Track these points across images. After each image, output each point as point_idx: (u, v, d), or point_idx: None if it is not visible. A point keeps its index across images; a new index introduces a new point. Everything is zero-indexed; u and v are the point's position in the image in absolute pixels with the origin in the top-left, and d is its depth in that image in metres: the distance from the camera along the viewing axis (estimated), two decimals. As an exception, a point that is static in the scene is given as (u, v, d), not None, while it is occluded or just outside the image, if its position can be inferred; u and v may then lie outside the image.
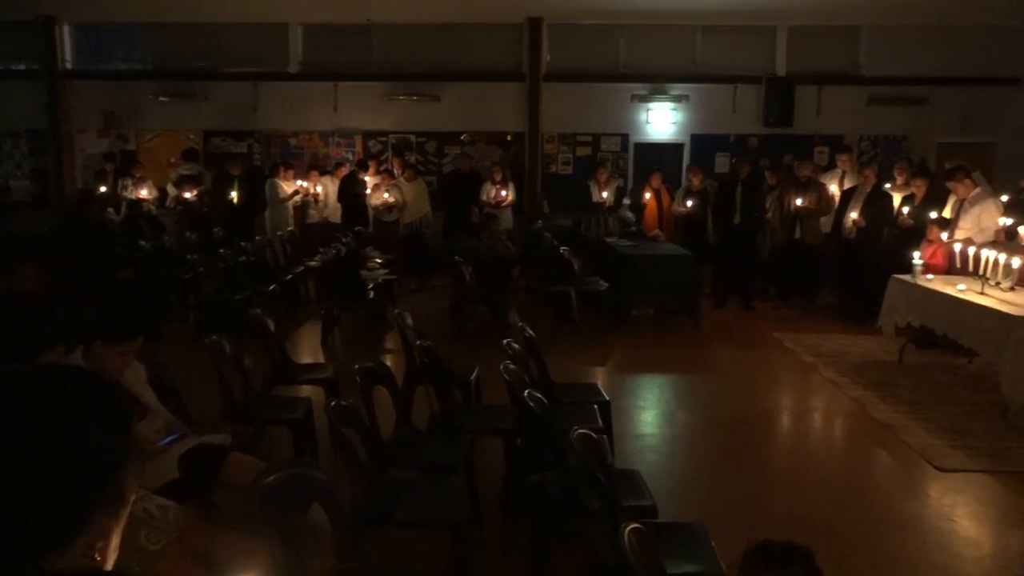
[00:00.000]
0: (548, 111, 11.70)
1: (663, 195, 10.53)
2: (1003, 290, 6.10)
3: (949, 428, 5.42)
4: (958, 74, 11.25)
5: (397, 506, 3.19)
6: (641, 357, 7.54)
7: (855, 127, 11.60)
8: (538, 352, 4.61)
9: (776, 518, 4.20)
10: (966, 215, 7.52)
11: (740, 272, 9.46)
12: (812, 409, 6.30)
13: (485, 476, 4.31)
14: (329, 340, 7.77)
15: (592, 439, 2.90)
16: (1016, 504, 4.41)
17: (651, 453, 5.14)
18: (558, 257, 8.47)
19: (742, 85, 11.57)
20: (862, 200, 8.56)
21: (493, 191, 10.80)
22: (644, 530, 2.17)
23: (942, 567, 3.75)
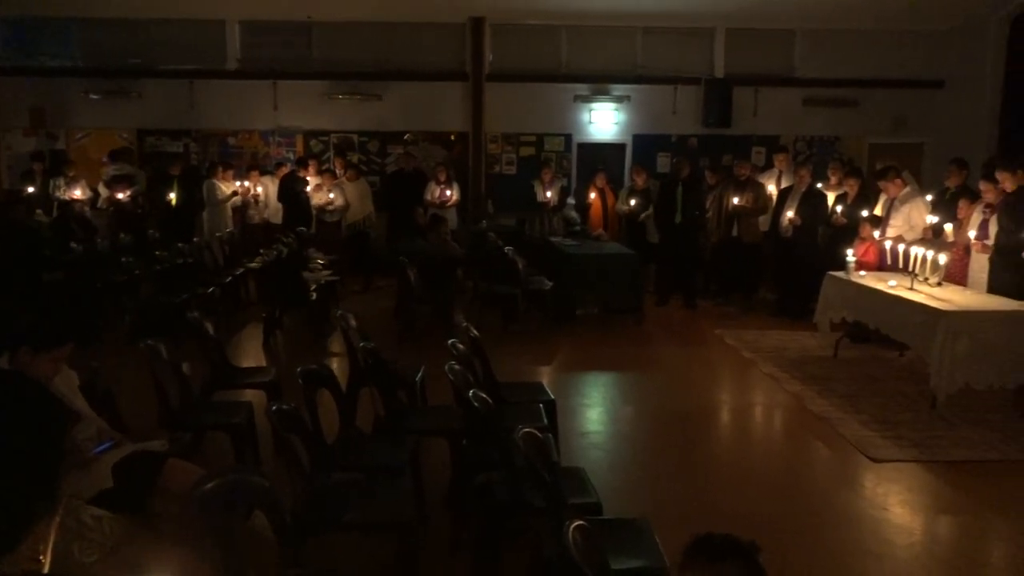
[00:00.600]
0: (492, 111, 11.71)
1: (608, 195, 10.64)
2: (931, 285, 6.33)
3: (882, 420, 5.60)
4: (888, 77, 11.64)
5: (341, 510, 3.15)
6: (586, 355, 7.60)
7: (791, 128, 11.89)
8: (483, 352, 4.61)
9: (718, 511, 4.28)
10: (897, 213, 7.78)
11: (682, 270, 9.62)
12: (752, 404, 6.45)
13: (431, 477, 4.29)
14: (271, 343, 7.64)
15: (537, 438, 2.91)
16: (944, 491, 4.59)
17: (596, 450, 5.19)
18: (503, 257, 8.49)
19: (682, 86, 11.76)
20: (798, 199, 8.79)
21: (438, 191, 10.76)
22: (588, 527, 2.19)
23: (876, 554, 3.87)
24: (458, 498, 3.82)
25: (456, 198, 10.87)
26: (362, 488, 3.48)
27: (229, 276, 8.79)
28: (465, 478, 3.77)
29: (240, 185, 10.80)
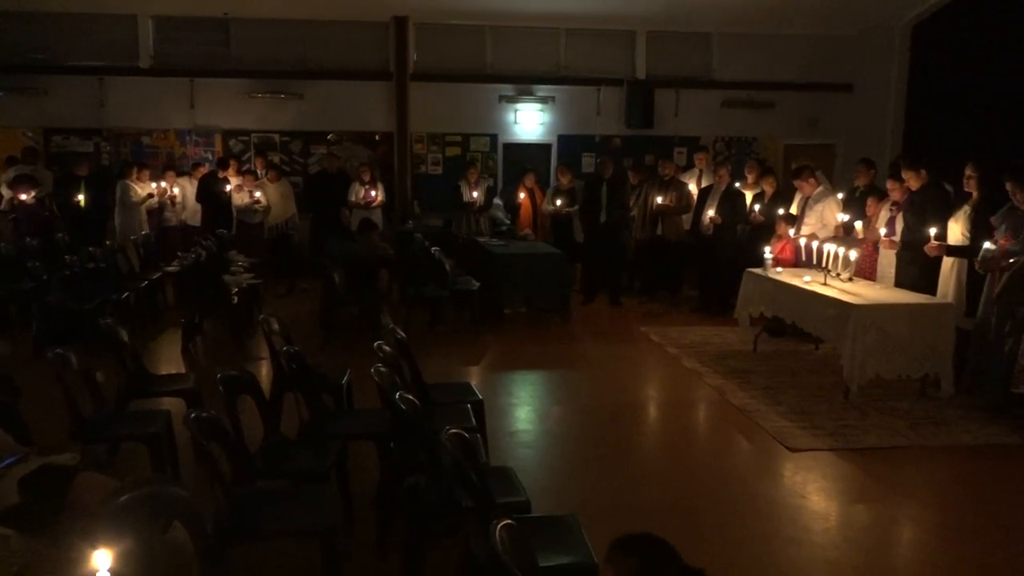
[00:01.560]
0: (417, 111, 11.64)
1: (537, 195, 10.70)
2: (843, 281, 6.59)
3: (799, 410, 5.80)
4: (801, 80, 12.06)
5: (264, 518, 3.07)
6: (514, 355, 7.63)
7: (710, 129, 12.20)
8: (410, 353, 4.57)
9: (645, 504, 4.36)
10: (811, 212, 8.07)
11: (608, 269, 9.75)
12: (677, 398, 6.58)
13: (359, 481, 4.24)
14: (190, 349, 7.40)
15: (464, 438, 2.90)
16: (858, 478, 4.78)
17: (525, 449, 5.21)
18: (430, 257, 8.45)
19: (605, 87, 11.93)
20: (718, 198, 9.03)
21: (362, 191, 10.63)
22: (516, 526, 2.19)
23: (794, 541, 4.01)
24: (385, 501, 3.78)
25: (381, 199, 10.76)
26: (286, 495, 3.41)
27: (145, 281, 8.48)
28: (392, 481, 3.73)
29: (156, 186, 10.44)
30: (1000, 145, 8.10)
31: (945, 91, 10.07)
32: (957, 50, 9.88)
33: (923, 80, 10.82)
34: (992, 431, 5.43)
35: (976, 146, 7.94)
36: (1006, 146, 8.02)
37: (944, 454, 5.14)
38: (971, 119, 9.21)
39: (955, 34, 9.99)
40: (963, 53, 9.71)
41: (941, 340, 5.89)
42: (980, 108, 9.09)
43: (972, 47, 9.52)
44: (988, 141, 8.36)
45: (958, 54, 9.82)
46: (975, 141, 8.45)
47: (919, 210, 6.62)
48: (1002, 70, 8.82)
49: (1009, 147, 7.89)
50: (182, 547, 2.82)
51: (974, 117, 9.18)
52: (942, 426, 5.52)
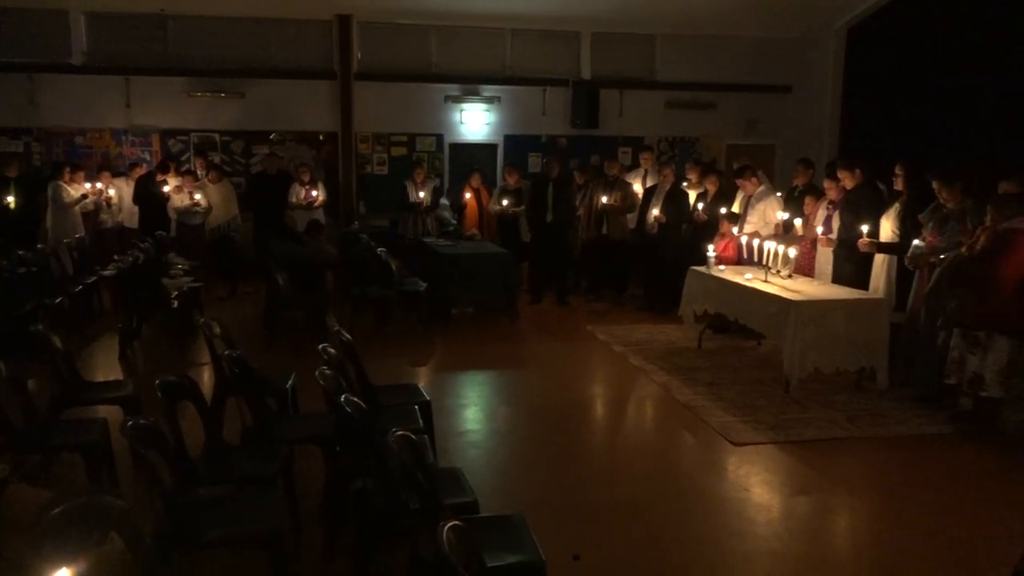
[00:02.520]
0: (361, 110, 11.53)
1: (483, 194, 10.70)
2: (783, 278, 6.75)
3: (741, 405, 5.92)
4: (742, 82, 12.31)
5: (207, 526, 3.01)
6: (462, 355, 7.61)
7: (654, 129, 12.36)
8: (356, 355, 4.53)
9: (593, 502, 4.40)
10: (753, 210, 8.24)
11: (554, 268, 9.80)
12: (624, 396, 6.65)
13: (305, 486, 4.19)
14: (128, 355, 7.20)
15: (411, 440, 2.88)
16: (799, 470, 4.90)
17: (473, 449, 5.21)
18: (376, 258, 8.38)
19: (551, 88, 11.99)
20: (662, 198, 9.15)
21: (302, 192, 10.49)
22: (463, 527, 2.19)
23: (738, 533, 4.09)
24: (333, 505, 3.73)
25: (322, 199, 10.64)
26: (230, 501, 3.35)
27: (79, 285, 8.22)
28: (339, 484, 3.69)
29: (91, 187, 10.12)
30: (928, 145, 8.40)
31: (877, 93, 10.40)
32: (888, 53, 10.21)
33: (857, 82, 11.15)
34: (925, 421, 5.63)
35: (905, 146, 8.23)
36: (934, 146, 8.32)
37: (880, 444, 5.31)
38: (901, 120, 9.52)
39: (887, 38, 10.32)
40: (894, 56, 10.03)
41: (876, 334, 6.08)
42: (910, 109, 9.41)
43: (902, 51, 9.84)
44: (917, 141, 8.66)
45: (889, 57, 10.15)
46: (905, 141, 8.75)
47: (854, 208, 6.82)
48: (930, 73, 9.14)
49: (936, 147, 8.18)
50: (120, 559, 2.75)
51: (904, 118, 9.50)
52: (878, 417, 5.69)
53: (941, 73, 8.96)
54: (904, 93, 9.63)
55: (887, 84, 10.10)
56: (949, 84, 8.84)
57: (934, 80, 9.06)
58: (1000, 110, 8.02)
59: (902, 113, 9.57)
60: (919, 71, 9.31)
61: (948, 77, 8.85)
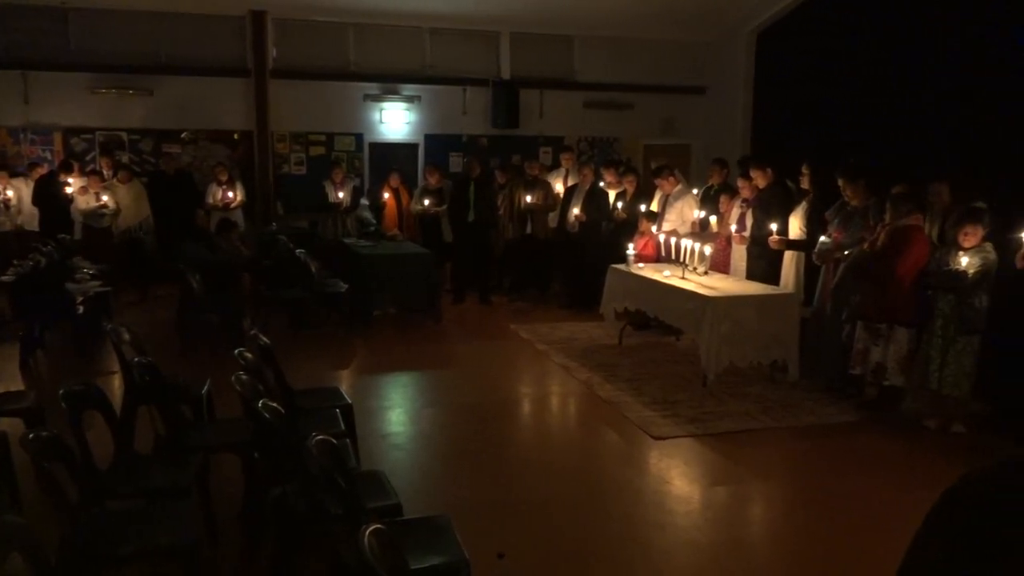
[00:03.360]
0: (278, 109, 11.27)
1: (402, 194, 10.61)
2: (700, 274, 6.93)
3: (661, 400, 6.05)
4: (658, 83, 12.57)
5: (117, 542, 2.88)
6: (384, 357, 7.54)
7: (574, 129, 12.50)
8: (274, 359, 4.42)
9: (518, 499, 4.42)
10: (670, 209, 8.43)
11: (477, 268, 9.81)
12: (547, 394, 6.71)
13: (223, 495, 4.06)
14: (30, 364, 6.85)
15: (331, 444, 2.83)
16: (716, 461, 5.04)
17: (397, 451, 5.16)
18: (294, 260, 8.21)
19: (471, 87, 11.98)
20: (582, 197, 9.27)
21: (220, 192, 10.19)
22: (385, 530, 2.17)
23: (659, 525, 4.18)
24: (251, 513, 3.64)
25: (240, 199, 10.36)
26: (142, 514, 3.22)
27: (-25, 291, 7.76)
28: (258, 492, 3.60)
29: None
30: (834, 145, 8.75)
31: (786, 94, 10.78)
32: (796, 56, 10.59)
33: (768, 84, 11.54)
34: (833, 410, 5.87)
35: (812, 146, 8.56)
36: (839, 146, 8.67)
37: (792, 434, 5.51)
38: (808, 120, 9.90)
39: (794, 42, 10.71)
40: (801, 59, 10.42)
41: (787, 328, 6.31)
42: (816, 110, 9.79)
43: (808, 54, 10.23)
44: (823, 141, 9.01)
45: (797, 60, 10.54)
46: (812, 141, 9.10)
47: (765, 207, 7.06)
48: (835, 75, 9.53)
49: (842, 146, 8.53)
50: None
51: (811, 119, 9.87)
52: (790, 408, 5.91)
53: (846, 75, 9.35)
54: (811, 94, 10.01)
55: (795, 86, 10.49)
56: (853, 85, 9.23)
57: (839, 82, 9.45)
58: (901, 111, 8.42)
59: (809, 114, 9.95)
60: (825, 73, 9.70)
61: (852, 79, 9.24)
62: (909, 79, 8.40)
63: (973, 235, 5.18)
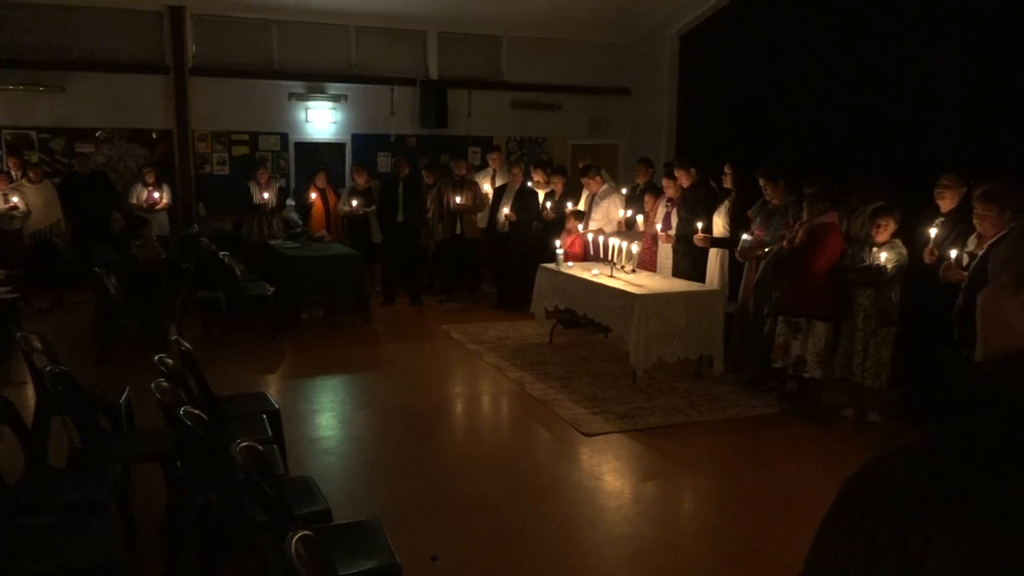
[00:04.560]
0: (198, 108, 10.95)
1: (329, 195, 10.45)
2: (627, 272, 7.04)
3: (591, 397, 6.12)
4: (585, 84, 12.71)
5: (28, 560, 2.75)
6: (313, 360, 7.41)
7: (502, 129, 12.53)
8: (196, 365, 4.30)
9: (450, 500, 4.40)
10: (597, 208, 8.54)
11: (406, 269, 9.74)
12: (479, 394, 6.71)
13: (144, 507, 3.93)
14: (-67, 375, 6.49)
15: (257, 451, 2.77)
16: (646, 456, 5.13)
17: (327, 456, 5.08)
18: (218, 262, 7.99)
19: (398, 87, 11.88)
20: (512, 197, 9.30)
21: (145, 193, 9.83)
22: (313, 536, 2.13)
23: (591, 520, 4.23)
24: (175, 525, 3.53)
25: (167, 201, 10.04)
26: (56, 530, 3.08)
27: None
28: (181, 502, 3.49)
29: None
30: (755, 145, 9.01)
31: (708, 95, 11.05)
32: (717, 58, 10.87)
33: (691, 85, 11.80)
34: (757, 403, 6.05)
35: (734, 146, 8.80)
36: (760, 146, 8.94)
37: (719, 427, 5.65)
38: (731, 121, 10.17)
39: (716, 44, 10.98)
40: (722, 61, 10.70)
41: (713, 324, 6.46)
42: (738, 111, 10.07)
43: (730, 56, 10.51)
44: (745, 141, 9.27)
45: (719, 62, 10.81)
46: (734, 141, 9.35)
47: (690, 205, 7.22)
48: (756, 77, 9.82)
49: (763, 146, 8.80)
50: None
51: (733, 119, 10.15)
52: (716, 402, 6.06)
53: (766, 77, 9.64)
54: (733, 95, 10.29)
55: (717, 87, 10.76)
56: (773, 87, 9.52)
57: (760, 83, 9.73)
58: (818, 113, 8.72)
59: (731, 114, 10.22)
60: (746, 75, 9.98)
61: (772, 80, 9.53)
62: (825, 81, 8.71)
63: (886, 228, 5.41)
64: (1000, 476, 0.86)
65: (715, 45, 10.99)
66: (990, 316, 1.02)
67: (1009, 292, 0.97)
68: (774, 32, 9.59)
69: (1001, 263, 1.00)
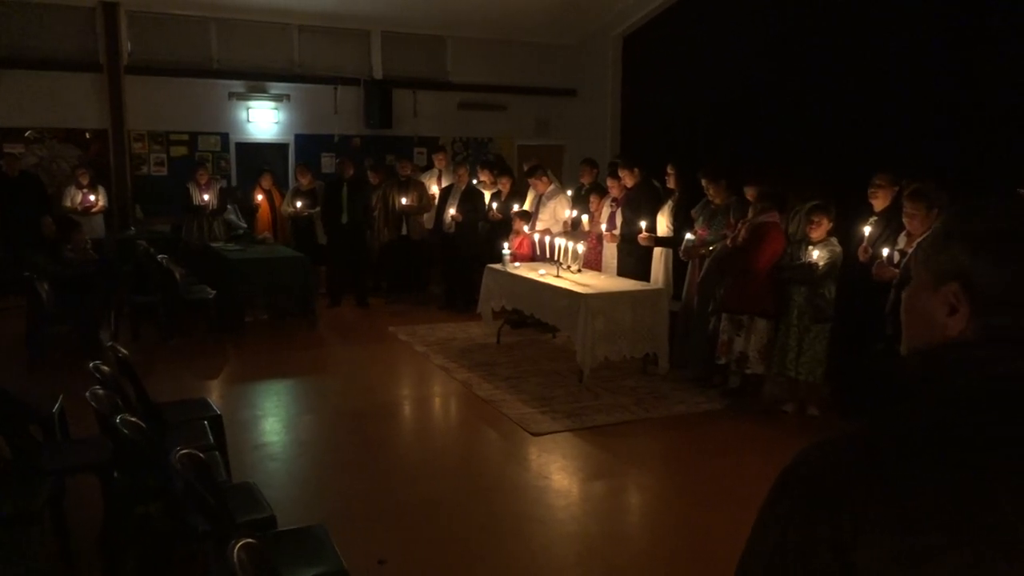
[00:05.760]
0: (134, 107, 10.64)
1: (275, 196, 10.28)
2: (573, 272, 7.09)
3: (539, 397, 6.15)
4: (530, 84, 12.75)
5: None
6: (258, 364, 7.28)
7: (448, 129, 12.49)
8: (134, 372, 4.18)
9: (399, 504, 4.37)
10: (544, 208, 8.58)
11: (353, 270, 9.64)
12: (427, 395, 6.68)
13: (82, 519, 3.80)
14: None
15: (198, 458, 2.71)
16: (593, 454, 5.17)
17: (272, 461, 5.00)
18: (157, 266, 7.79)
19: (342, 86, 11.74)
20: (458, 197, 9.28)
21: (79, 196, 9.53)
22: (256, 544, 2.09)
23: (539, 519, 4.25)
24: (113, 536, 3.43)
25: (103, 204, 9.75)
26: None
27: None
28: (119, 513, 3.40)
29: None
30: (698, 145, 9.17)
31: (653, 96, 11.20)
32: (661, 59, 11.02)
33: (635, 86, 11.94)
34: (701, 399, 6.15)
35: (677, 146, 8.94)
36: (703, 146, 9.10)
37: (665, 424, 5.73)
38: (673, 121, 10.32)
39: (659, 45, 11.13)
40: (666, 62, 10.85)
41: (658, 322, 6.55)
42: (681, 111, 10.23)
43: (673, 57, 10.66)
44: (688, 141, 9.42)
45: (662, 63, 10.96)
46: (677, 141, 9.50)
47: (634, 205, 7.31)
48: (698, 78, 9.98)
49: (706, 147, 8.96)
50: None
51: (675, 120, 10.30)
52: (662, 399, 6.15)
53: (708, 77, 9.80)
54: (676, 96, 10.44)
55: (661, 88, 10.90)
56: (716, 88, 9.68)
57: (702, 84, 9.89)
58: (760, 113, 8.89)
59: (675, 115, 10.37)
60: (689, 76, 10.13)
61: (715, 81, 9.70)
62: (764, 82, 8.90)
63: (819, 226, 5.56)
64: (923, 464, 0.89)
65: (658, 46, 11.14)
66: (913, 312, 1.05)
67: (929, 289, 1.01)
68: (715, 33, 9.76)
69: (922, 261, 1.04)
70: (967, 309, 0.97)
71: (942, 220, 1.05)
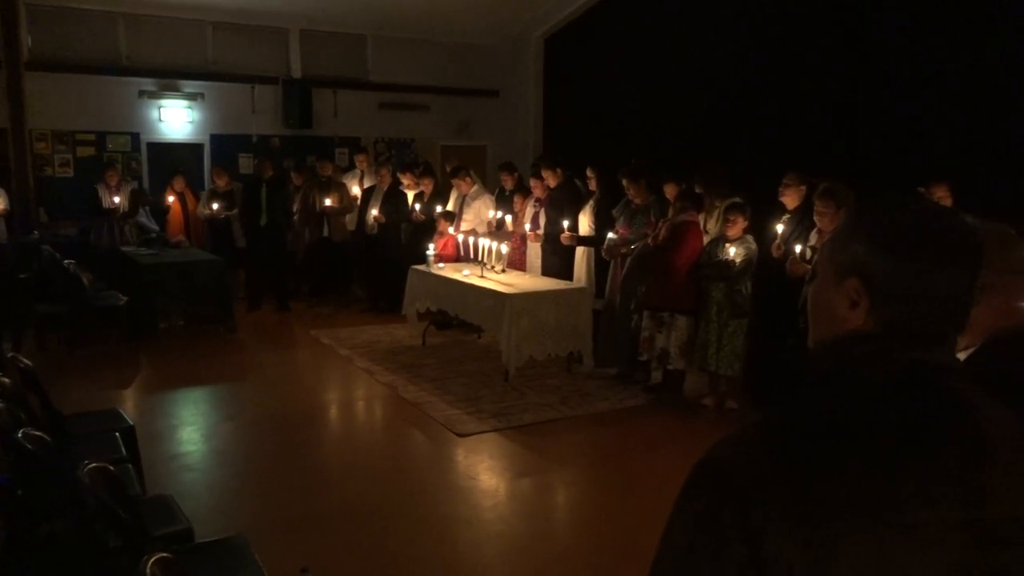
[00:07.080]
0: (37, 105, 10.13)
1: (188, 198, 9.95)
2: (498, 272, 7.10)
3: (465, 397, 6.14)
4: (453, 85, 12.70)
5: None
6: (173, 372, 7.03)
7: (370, 130, 12.33)
8: (38, 383, 3.98)
9: (324, 509, 4.30)
10: (468, 209, 8.57)
11: (273, 273, 9.42)
12: (351, 399, 6.59)
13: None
14: None
15: (107, 471, 2.60)
16: (520, 453, 5.19)
17: (189, 472, 4.84)
18: (63, 271, 7.44)
19: (260, 86, 11.45)
20: (380, 198, 9.18)
21: (-26, 199, 9.02)
22: (171, 558, 2.02)
23: (467, 520, 4.24)
24: (16, 558, 3.25)
25: (3, 206, 9.26)
26: None
27: None
28: (22, 532, 3.22)
29: None
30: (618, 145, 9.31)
31: (574, 97, 11.32)
32: (582, 61, 11.16)
33: (557, 87, 12.06)
34: (625, 396, 6.25)
35: (598, 146, 9.06)
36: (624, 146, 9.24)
37: (589, 421, 5.80)
38: (595, 122, 10.47)
39: (580, 47, 11.27)
40: (587, 64, 10.99)
41: (581, 320, 6.63)
42: (602, 112, 10.37)
43: (594, 59, 10.81)
44: (609, 142, 9.56)
45: (583, 65, 11.10)
46: (599, 142, 9.63)
47: (557, 205, 7.38)
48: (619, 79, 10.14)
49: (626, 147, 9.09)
50: None
51: (596, 120, 10.45)
52: (586, 396, 6.22)
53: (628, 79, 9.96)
54: (597, 97, 10.59)
55: (582, 89, 11.03)
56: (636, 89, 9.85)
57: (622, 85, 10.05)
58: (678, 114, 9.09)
59: (596, 116, 10.52)
60: (609, 77, 10.29)
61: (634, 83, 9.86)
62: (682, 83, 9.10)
63: (734, 223, 5.73)
64: (826, 453, 0.92)
65: (579, 48, 11.28)
66: (818, 306, 1.09)
67: (832, 284, 1.05)
68: (634, 35, 9.94)
69: (826, 257, 1.08)
70: (867, 303, 1.01)
71: (844, 218, 1.09)
